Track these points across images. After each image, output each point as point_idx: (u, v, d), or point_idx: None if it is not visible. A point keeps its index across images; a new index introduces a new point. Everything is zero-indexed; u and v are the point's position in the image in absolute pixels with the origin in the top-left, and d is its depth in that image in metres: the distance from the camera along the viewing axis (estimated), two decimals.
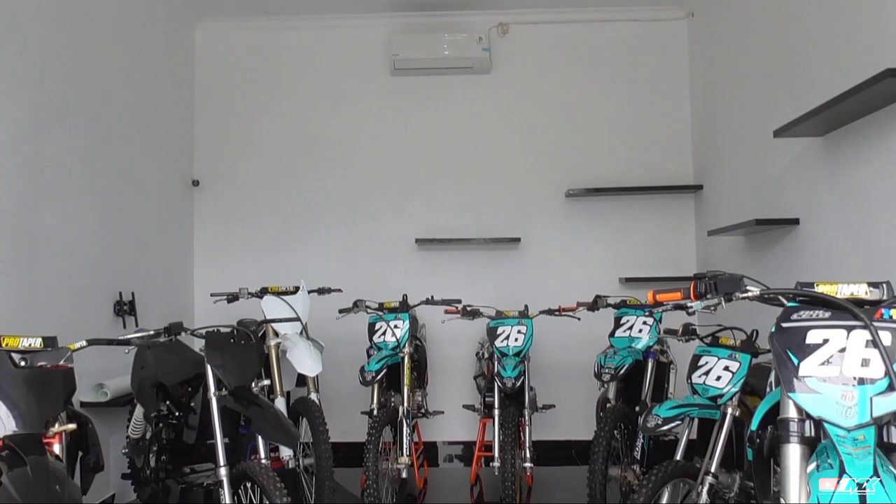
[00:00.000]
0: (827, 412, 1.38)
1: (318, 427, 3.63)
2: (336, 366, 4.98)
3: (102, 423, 4.02)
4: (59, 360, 2.02)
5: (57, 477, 1.77)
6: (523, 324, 3.98)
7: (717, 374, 2.75)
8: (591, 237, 5.36)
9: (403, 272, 5.35)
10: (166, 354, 3.28)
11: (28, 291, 3.45)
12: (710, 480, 2.63)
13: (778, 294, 1.57)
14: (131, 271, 4.45)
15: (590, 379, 4.73)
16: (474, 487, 4.66)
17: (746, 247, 4.35)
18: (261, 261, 5.40)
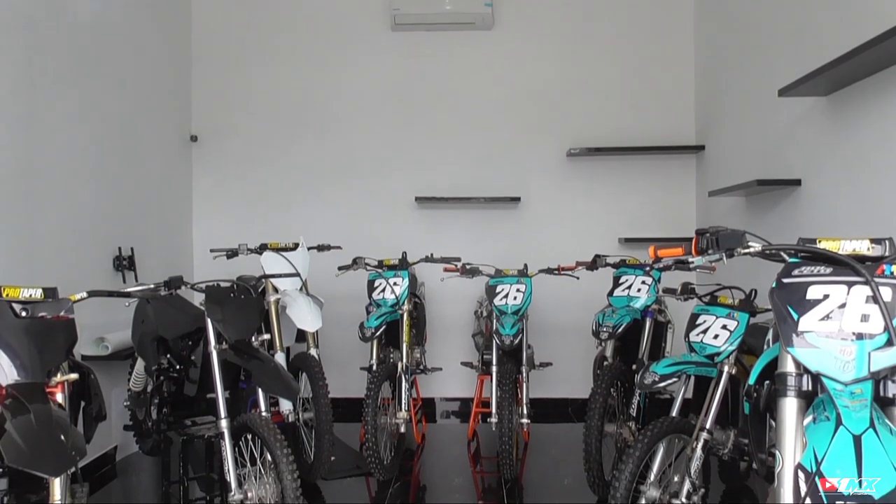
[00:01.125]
0: (825, 366, 1.39)
1: (317, 382, 3.67)
2: (335, 323, 5.01)
3: (103, 376, 4.05)
4: (59, 310, 2.02)
5: (60, 425, 1.79)
6: (522, 282, 3.99)
7: (715, 333, 2.77)
8: (592, 197, 5.34)
9: (403, 230, 5.35)
10: (166, 308, 3.30)
11: (27, 245, 3.44)
12: (705, 436, 2.67)
13: (780, 250, 1.56)
14: (130, 226, 4.44)
15: (587, 338, 4.76)
16: (471, 443, 4.73)
17: (747, 208, 4.34)
18: (260, 217, 5.38)
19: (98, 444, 4.03)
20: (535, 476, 4.04)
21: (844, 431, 1.31)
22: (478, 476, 4.10)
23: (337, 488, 3.84)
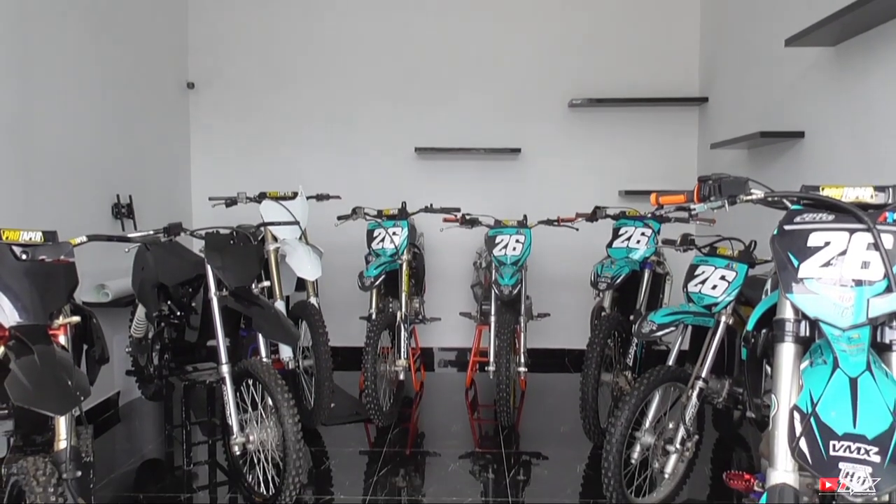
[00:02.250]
0: (823, 312, 1.40)
1: (317, 330, 3.69)
2: (335, 273, 5.02)
3: (105, 323, 4.06)
4: (60, 254, 2.02)
5: (64, 365, 1.81)
6: (521, 233, 3.99)
7: (713, 284, 2.78)
8: (593, 149, 5.30)
9: (402, 180, 5.32)
10: (166, 255, 3.31)
11: (24, 190, 3.42)
12: (701, 385, 2.71)
13: (782, 197, 1.56)
14: (128, 174, 4.42)
15: (585, 290, 4.78)
16: (469, 391, 4.80)
17: (749, 160, 4.32)
18: (258, 166, 5.35)
19: (101, 390, 4.08)
20: (532, 423, 4.11)
21: (841, 374, 1.33)
22: (475, 423, 4.17)
23: (337, 434, 3.90)
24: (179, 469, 3.42)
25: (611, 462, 2.68)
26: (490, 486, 3.23)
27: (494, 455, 3.59)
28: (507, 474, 3.35)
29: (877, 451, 1.23)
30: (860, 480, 1.22)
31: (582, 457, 3.56)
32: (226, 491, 3.19)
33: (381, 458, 3.55)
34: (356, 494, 3.13)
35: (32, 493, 1.67)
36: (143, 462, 3.51)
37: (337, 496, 3.13)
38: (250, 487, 2.98)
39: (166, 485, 3.24)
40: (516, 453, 3.63)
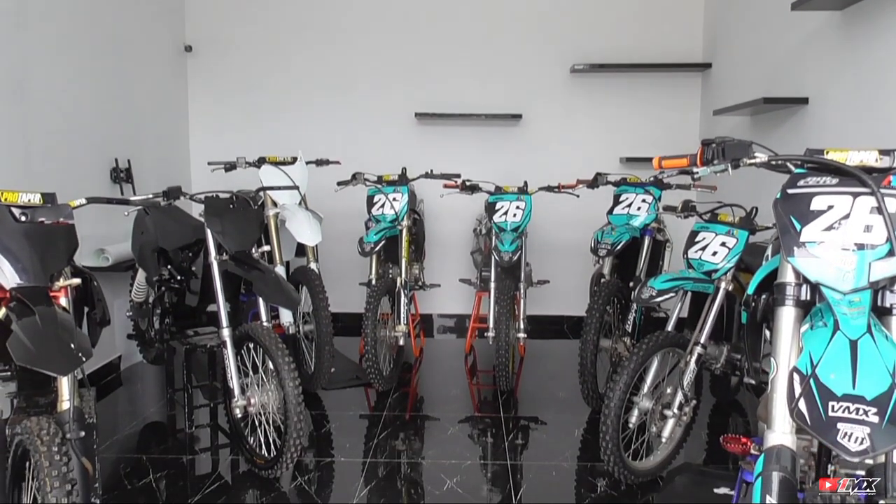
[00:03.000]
0: (825, 276, 1.40)
1: (317, 295, 3.70)
2: (335, 239, 5.01)
3: (105, 287, 4.06)
4: (59, 216, 2.02)
5: (66, 326, 1.81)
6: (522, 200, 3.97)
7: (714, 250, 2.78)
8: (594, 115, 5.26)
9: (402, 146, 5.28)
10: (166, 220, 3.30)
11: (22, 153, 3.40)
12: (699, 350, 2.72)
13: (786, 160, 1.55)
14: (126, 138, 4.39)
15: (585, 257, 4.78)
16: (468, 356, 4.83)
17: (752, 127, 4.29)
18: (257, 131, 5.31)
19: (102, 354, 4.11)
20: (531, 389, 4.14)
21: (841, 336, 1.33)
22: (474, 388, 4.20)
23: (337, 398, 3.94)
24: (181, 432, 3.46)
25: (609, 426, 2.71)
26: (489, 450, 3.27)
27: (493, 419, 3.63)
28: (506, 438, 3.39)
29: (875, 411, 1.24)
30: (858, 440, 1.23)
31: (580, 421, 3.59)
32: (227, 453, 3.23)
33: (381, 421, 3.59)
34: (356, 457, 3.17)
35: (37, 453, 1.68)
36: (145, 425, 3.55)
37: (337, 458, 3.16)
38: (252, 450, 3.01)
39: (169, 447, 3.28)
40: (515, 418, 3.66)
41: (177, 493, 2.83)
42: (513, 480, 2.94)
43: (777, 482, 1.41)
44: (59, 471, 1.66)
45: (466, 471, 3.03)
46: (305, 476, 2.99)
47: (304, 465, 3.09)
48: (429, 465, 3.10)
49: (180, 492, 2.84)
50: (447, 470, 3.03)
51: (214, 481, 2.93)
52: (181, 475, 3.00)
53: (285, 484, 2.91)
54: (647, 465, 2.93)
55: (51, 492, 1.63)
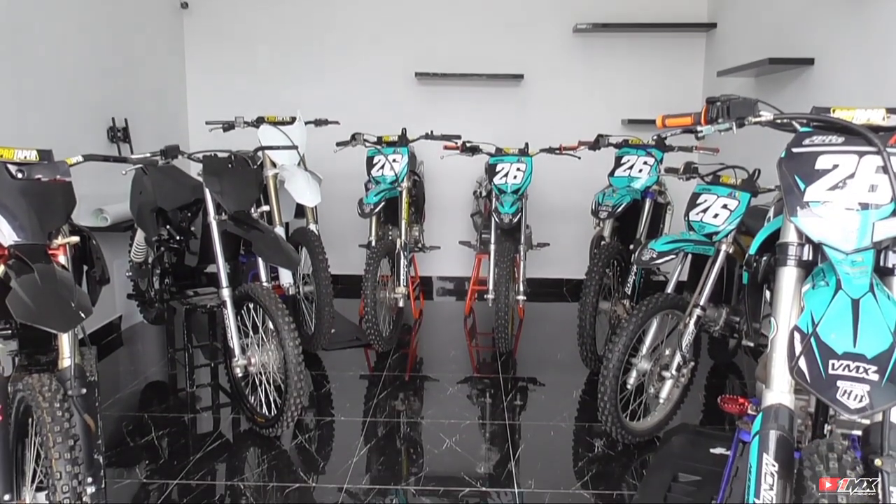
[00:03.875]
0: (827, 236, 1.39)
1: (317, 256, 3.70)
2: (334, 200, 4.99)
3: (105, 247, 4.05)
4: (56, 173, 2.00)
5: (65, 283, 1.81)
6: (523, 161, 3.94)
7: (715, 212, 2.77)
8: (597, 76, 5.19)
9: (402, 106, 5.23)
10: (164, 179, 3.27)
11: (17, 110, 3.36)
12: (698, 312, 2.73)
13: (792, 119, 1.53)
14: (122, 97, 4.33)
15: (585, 220, 4.77)
16: (468, 318, 4.84)
17: (757, 89, 4.24)
18: (255, 91, 5.25)
19: (103, 314, 4.12)
20: (529, 351, 4.16)
21: (843, 295, 1.33)
22: (473, 350, 4.22)
23: (337, 358, 3.96)
24: (182, 391, 3.48)
25: (607, 387, 2.73)
26: (487, 410, 3.30)
27: (492, 380, 3.65)
28: (505, 399, 3.42)
29: (875, 369, 1.24)
30: (857, 398, 1.24)
31: (578, 383, 3.62)
32: (228, 412, 3.26)
33: (381, 381, 3.62)
34: (356, 416, 3.20)
35: (39, 409, 1.69)
36: (146, 384, 3.57)
37: (337, 418, 3.20)
38: (252, 409, 3.04)
39: (170, 405, 3.30)
40: (513, 379, 3.69)
41: (178, 451, 2.86)
42: (511, 440, 2.98)
43: (774, 441, 1.42)
44: (61, 426, 1.67)
45: (465, 430, 3.06)
46: (306, 435, 3.02)
47: (304, 425, 3.12)
48: (428, 424, 3.13)
49: (182, 449, 2.87)
50: (446, 429, 3.06)
51: (216, 439, 2.96)
52: (183, 433, 3.03)
53: (286, 442, 2.94)
54: (644, 426, 2.96)
55: (53, 447, 1.64)
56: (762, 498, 1.39)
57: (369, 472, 2.70)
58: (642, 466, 2.77)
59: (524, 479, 2.64)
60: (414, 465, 2.76)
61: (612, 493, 2.56)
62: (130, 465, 2.74)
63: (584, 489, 2.59)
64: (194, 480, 2.62)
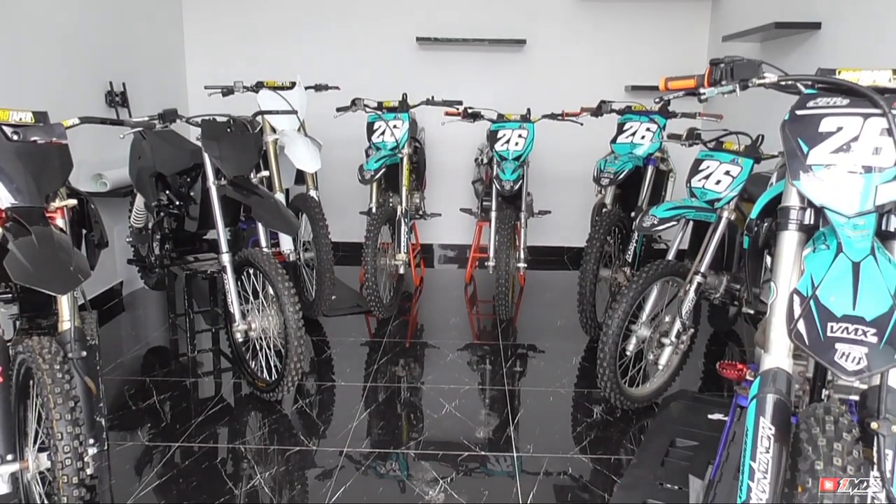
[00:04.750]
0: (829, 199, 1.37)
1: (317, 222, 3.69)
2: (334, 167, 4.97)
3: (105, 213, 4.07)
4: (52, 135, 1.98)
5: (63, 246, 1.80)
6: (524, 128, 3.91)
7: (717, 179, 2.75)
8: (601, 41, 5.12)
9: (404, 72, 5.17)
10: (163, 144, 3.25)
11: (14, 77, 3.33)
12: (699, 279, 2.73)
13: (797, 80, 1.50)
14: (120, 60, 4.29)
15: (587, 188, 4.75)
16: (468, 286, 4.85)
17: (762, 53, 4.17)
18: (255, 56, 5.18)
19: (104, 279, 4.13)
20: (530, 318, 4.17)
21: (844, 258, 1.32)
22: (474, 317, 4.23)
23: (337, 325, 3.97)
24: (184, 356, 3.50)
25: (606, 353, 2.74)
26: (487, 376, 3.32)
27: (492, 347, 3.67)
28: (504, 365, 3.43)
29: (874, 332, 1.24)
30: (855, 360, 1.23)
31: (578, 349, 3.63)
32: (229, 377, 3.28)
33: (381, 348, 3.63)
34: (356, 381, 3.22)
35: (39, 371, 1.69)
36: (148, 349, 3.59)
37: (338, 383, 3.21)
38: (253, 373, 3.05)
39: (172, 370, 3.32)
40: (513, 345, 3.70)
41: (180, 414, 2.88)
42: (510, 405, 3.00)
43: (772, 404, 1.42)
44: (61, 388, 1.68)
45: (465, 395, 3.08)
46: (306, 399, 3.04)
47: (305, 389, 3.14)
48: (428, 389, 3.15)
49: (183, 413, 2.89)
50: (446, 394, 3.08)
51: (217, 403, 2.99)
52: (184, 397, 3.05)
53: (286, 407, 2.97)
54: (642, 392, 2.98)
55: (54, 408, 1.65)
56: (758, 461, 1.40)
57: (369, 436, 2.72)
58: (640, 432, 2.78)
59: (523, 444, 2.67)
60: (413, 430, 2.78)
61: (610, 457, 2.59)
62: (133, 428, 2.76)
63: (583, 454, 2.61)
64: (196, 443, 2.64)
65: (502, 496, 2.32)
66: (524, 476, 2.45)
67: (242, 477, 2.42)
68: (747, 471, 1.41)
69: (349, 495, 2.31)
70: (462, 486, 2.38)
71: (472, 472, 2.48)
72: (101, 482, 2.40)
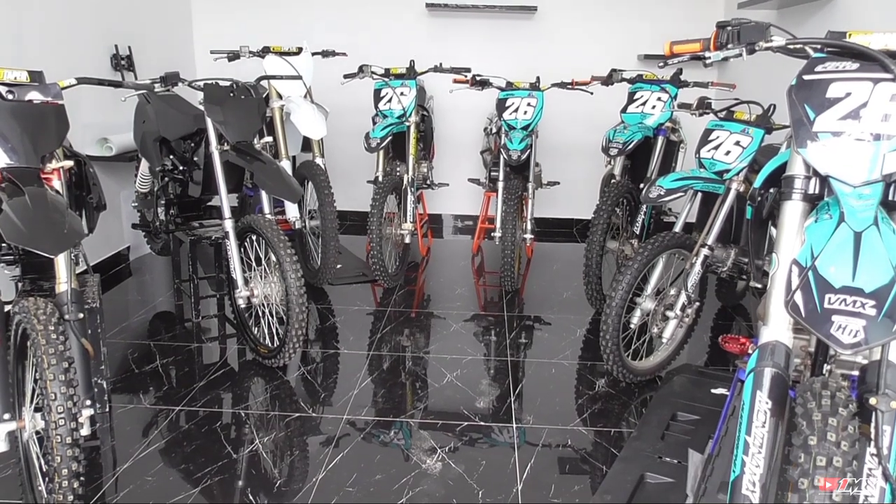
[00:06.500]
0: (835, 168, 1.33)
1: (323, 190, 3.66)
2: (341, 135, 4.93)
3: (111, 177, 4.08)
4: (48, 95, 1.96)
5: (57, 207, 1.79)
6: (534, 96, 3.85)
7: (727, 149, 2.69)
8: (613, 8, 5.01)
9: (412, 38, 5.09)
10: (167, 108, 3.23)
11: (16, 41, 3.30)
12: (706, 252, 2.68)
13: (805, 44, 1.44)
14: (126, 23, 4.24)
15: (598, 158, 4.68)
16: (476, 257, 4.82)
17: (779, 21, 4.07)
18: (261, 21, 5.12)
19: (111, 244, 4.14)
20: (536, 289, 4.15)
21: (845, 228, 1.27)
22: (480, 288, 4.21)
23: (342, 293, 3.97)
24: (189, 321, 3.51)
25: (609, 324, 2.71)
26: (492, 347, 3.31)
27: (497, 318, 3.65)
28: (508, 336, 3.42)
29: (873, 304, 1.20)
30: (852, 333, 1.20)
31: (583, 322, 3.61)
32: (233, 343, 3.28)
33: (386, 317, 3.62)
34: (360, 349, 3.22)
35: (34, 331, 1.69)
36: (154, 314, 3.61)
37: (341, 350, 3.21)
38: (255, 340, 3.06)
39: (176, 334, 3.34)
40: (518, 317, 3.68)
41: (183, 378, 2.90)
42: (512, 376, 2.98)
43: (769, 378, 1.39)
44: (55, 349, 1.68)
45: (467, 365, 3.07)
46: (309, 366, 3.05)
47: (308, 356, 3.15)
48: (430, 359, 3.14)
49: (186, 377, 2.91)
50: (448, 364, 3.08)
51: (220, 368, 3.00)
52: (188, 362, 3.06)
53: (289, 373, 2.97)
54: (646, 365, 2.95)
55: (48, 368, 1.65)
56: (753, 435, 1.37)
57: (369, 404, 2.72)
58: (643, 405, 2.77)
59: (523, 415, 2.66)
60: (414, 399, 2.78)
61: (611, 430, 2.57)
62: (136, 391, 2.78)
63: (583, 426, 2.60)
64: (198, 407, 2.66)
65: (500, 466, 2.32)
66: (523, 447, 2.45)
67: (243, 441, 2.43)
68: (742, 445, 1.39)
69: (347, 462, 2.32)
70: (460, 456, 2.38)
71: (471, 441, 2.48)
72: (103, 443, 2.42)
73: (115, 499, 2.11)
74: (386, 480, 2.22)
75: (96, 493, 2.12)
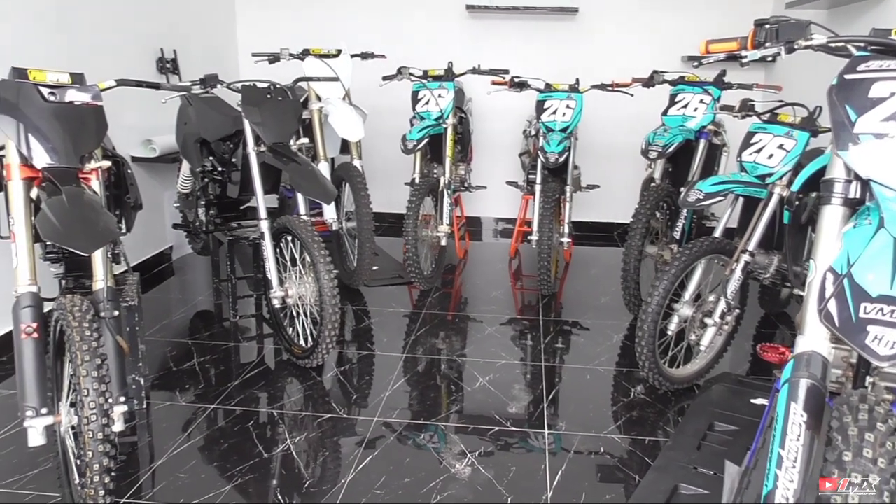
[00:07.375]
0: (877, 171, 1.27)
1: (359, 191, 3.68)
2: (379, 137, 4.95)
3: (154, 178, 4.17)
4: (88, 96, 2.00)
5: (93, 206, 1.83)
6: (573, 98, 3.80)
7: (770, 153, 2.61)
8: (656, 9, 4.92)
9: (451, 41, 5.09)
10: (207, 110, 3.28)
11: (66, 45, 3.39)
12: (746, 258, 2.60)
13: (847, 42, 1.38)
14: (171, 28, 4.34)
15: (639, 162, 4.59)
16: (513, 261, 4.79)
17: (828, 22, 3.94)
18: (303, 24, 5.18)
19: (154, 243, 4.23)
20: (574, 294, 4.10)
21: (885, 233, 1.21)
22: (517, 292, 4.18)
23: (378, 294, 3.98)
24: (227, 320, 3.56)
25: (645, 331, 2.65)
26: (527, 351, 3.27)
27: (532, 322, 3.61)
28: (543, 340, 3.38)
29: None
30: (889, 345, 1.14)
31: (620, 327, 3.55)
32: (270, 343, 3.32)
33: (421, 319, 3.62)
34: (394, 351, 3.22)
35: (69, 328, 1.73)
36: (194, 313, 3.67)
37: (375, 352, 3.22)
38: (290, 340, 3.08)
39: (214, 333, 3.39)
40: (555, 321, 3.64)
41: (218, 376, 2.93)
42: (546, 381, 2.95)
43: (804, 389, 1.33)
44: (89, 346, 1.71)
45: (500, 370, 3.04)
46: (342, 367, 3.06)
47: (343, 357, 3.16)
48: (464, 362, 3.13)
49: (222, 375, 2.95)
50: (481, 368, 3.05)
51: (255, 367, 3.03)
52: (224, 361, 3.10)
53: (324, 373, 2.99)
54: (683, 373, 2.88)
55: (81, 364, 1.68)
56: (787, 449, 1.32)
57: (402, 406, 2.72)
58: (679, 414, 2.70)
59: (556, 421, 2.62)
60: (446, 402, 2.76)
61: (645, 439, 2.52)
62: (173, 388, 2.82)
63: (617, 433, 2.55)
64: (233, 405, 2.69)
65: (530, 472, 2.29)
66: (555, 454, 2.41)
67: (275, 441, 2.45)
68: (775, 458, 1.33)
69: (377, 464, 2.31)
70: (490, 461, 2.35)
71: (501, 447, 2.45)
72: (140, 439, 2.47)
73: (150, 494, 2.14)
74: (414, 484, 2.21)
75: (131, 488, 2.16)
